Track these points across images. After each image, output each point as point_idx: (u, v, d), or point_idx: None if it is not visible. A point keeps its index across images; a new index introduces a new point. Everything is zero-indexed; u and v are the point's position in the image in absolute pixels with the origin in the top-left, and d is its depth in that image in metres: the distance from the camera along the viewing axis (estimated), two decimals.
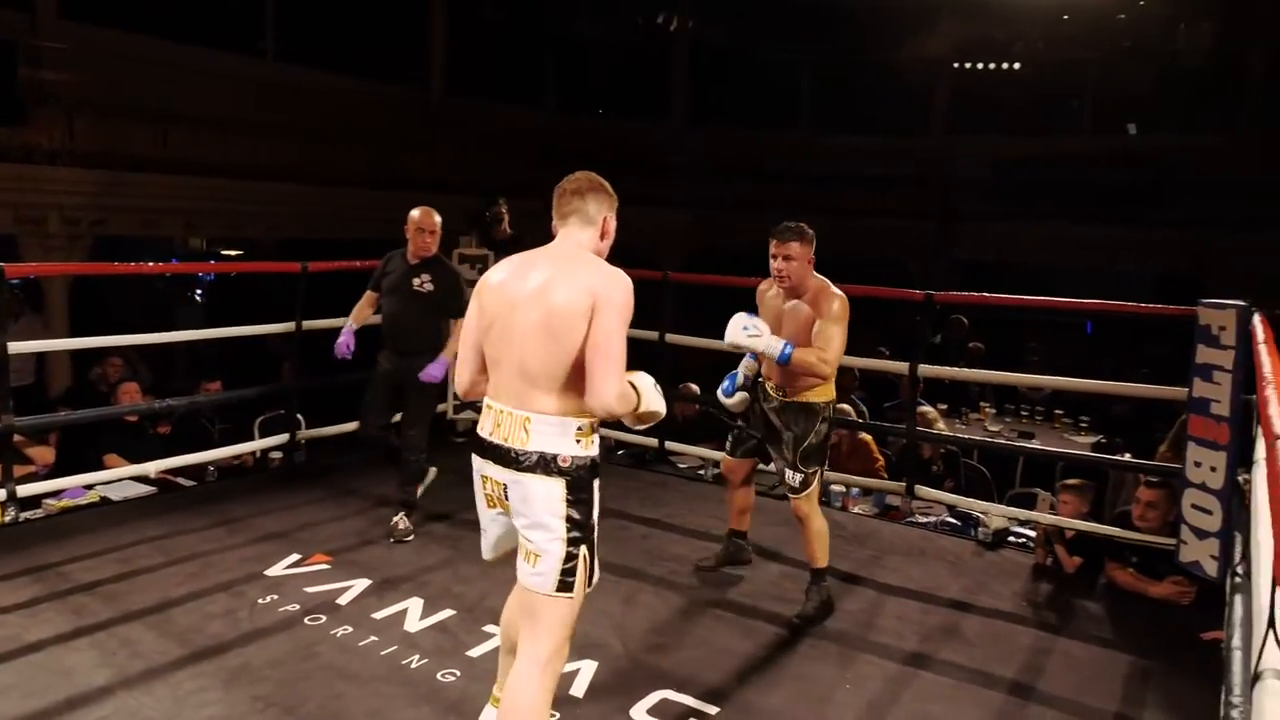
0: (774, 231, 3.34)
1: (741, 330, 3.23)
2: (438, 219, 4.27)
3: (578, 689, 2.88)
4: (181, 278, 12.75)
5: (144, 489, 4.70)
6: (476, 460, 2.22)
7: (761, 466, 3.82)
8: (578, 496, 2.11)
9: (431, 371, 4.20)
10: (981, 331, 9.11)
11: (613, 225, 2.28)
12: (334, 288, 5.06)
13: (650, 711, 2.77)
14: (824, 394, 3.41)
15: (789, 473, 3.44)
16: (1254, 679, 1.46)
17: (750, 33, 13.13)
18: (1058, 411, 7.14)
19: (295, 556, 3.86)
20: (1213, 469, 3.40)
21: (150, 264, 6.59)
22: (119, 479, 4.54)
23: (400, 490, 4.29)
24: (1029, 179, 11.84)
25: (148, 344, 5.29)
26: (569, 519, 2.11)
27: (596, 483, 2.17)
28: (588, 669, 3.00)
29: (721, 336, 3.33)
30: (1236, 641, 2.13)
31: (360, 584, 3.61)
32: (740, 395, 3.58)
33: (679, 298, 5.72)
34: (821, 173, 12.33)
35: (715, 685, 2.94)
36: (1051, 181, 11.66)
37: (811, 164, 12.52)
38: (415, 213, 4.27)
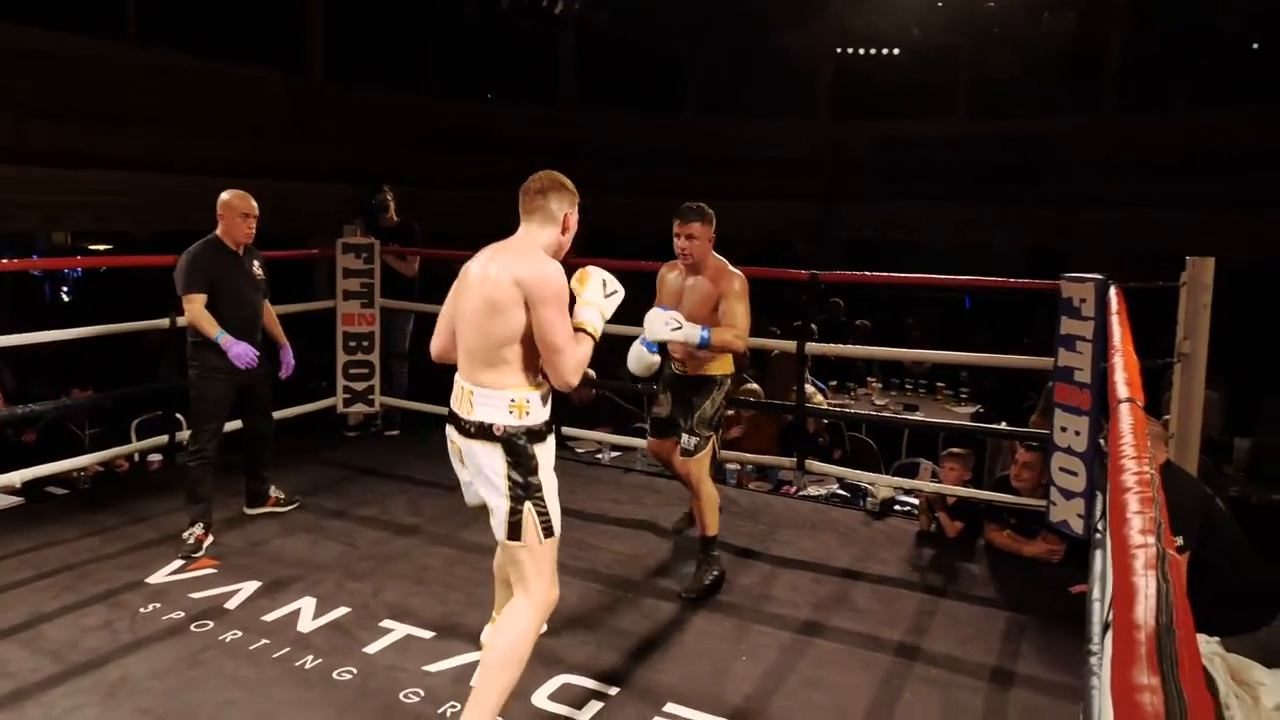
0: (677, 212, 3.53)
1: (664, 326, 3.34)
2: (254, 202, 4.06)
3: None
4: (46, 275, 12.01)
5: (9, 500, 4.43)
6: (447, 427, 2.51)
7: None
8: (516, 459, 2.38)
9: (292, 361, 4.31)
10: (866, 310, 9.42)
11: (574, 220, 2.53)
12: None
13: (551, 697, 2.78)
14: (722, 367, 3.63)
15: (685, 436, 3.61)
16: (1105, 627, 1.57)
17: (636, 17, 13.14)
18: (939, 384, 7.45)
19: (179, 562, 3.71)
20: (1077, 433, 3.62)
21: (4, 260, 6.16)
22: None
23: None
24: (909, 160, 12.28)
25: (6, 346, 4.95)
26: (509, 479, 2.39)
27: (539, 447, 2.42)
28: None
29: (621, 320, 3.34)
30: (1095, 593, 2.28)
31: (249, 586, 3.50)
32: (656, 357, 3.57)
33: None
34: (709, 155, 12.49)
35: (614, 666, 2.98)
36: (929, 162, 12.12)
37: (700, 147, 12.67)
38: (233, 197, 3.98)
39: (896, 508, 4.68)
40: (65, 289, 12.41)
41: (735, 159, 12.55)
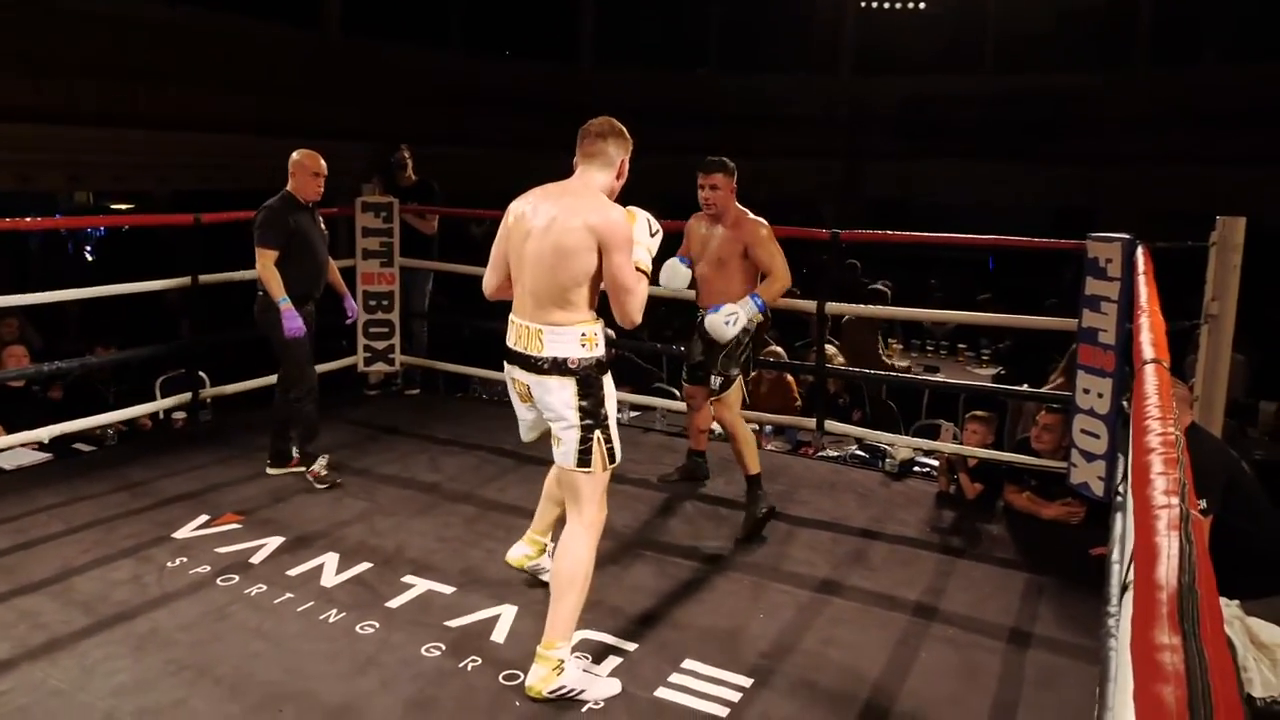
0: (699, 164, 3.70)
1: (725, 325, 3.57)
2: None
3: (498, 634, 2.91)
4: (70, 234, 12.09)
5: (39, 456, 4.51)
6: (506, 366, 2.67)
7: (674, 406, 3.87)
8: (587, 391, 2.55)
9: (356, 307, 4.66)
10: (888, 270, 9.32)
11: (627, 167, 2.65)
12: (232, 239, 4.88)
13: (571, 650, 2.81)
14: None
15: (712, 378, 3.73)
16: (1123, 588, 1.57)
17: None
18: (961, 345, 7.40)
19: (204, 518, 3.77)
20: (1100, 395, 3.58)
21: (28, 220, 6.19)
22: (9, 447, 4.33)
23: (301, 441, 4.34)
24: (933, 118, 12.07)
25: (33, 304, 5.00)
26: (581, 409, 2.55)
27: (606, 378, 2.60)
28: (508, 614, 3.03)
29: (658, 278, 3.52)
30: (1115, 555, 2.27)
31: (273, 542, 3.56)
32: (688, 270, 3.79)
33: None
34: (730, 113, 12.34)
35: (633, 621, 3.01)
36: (955, 120, 11.91)
37: (720, 104, 12.51)
38: (304, 156, 4.18)
39: (915, 469, 4.67)
40: (89, 248, 12.51)
41: (756, 116, 12.39)
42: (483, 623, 2.98)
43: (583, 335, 2.53)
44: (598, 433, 2.57)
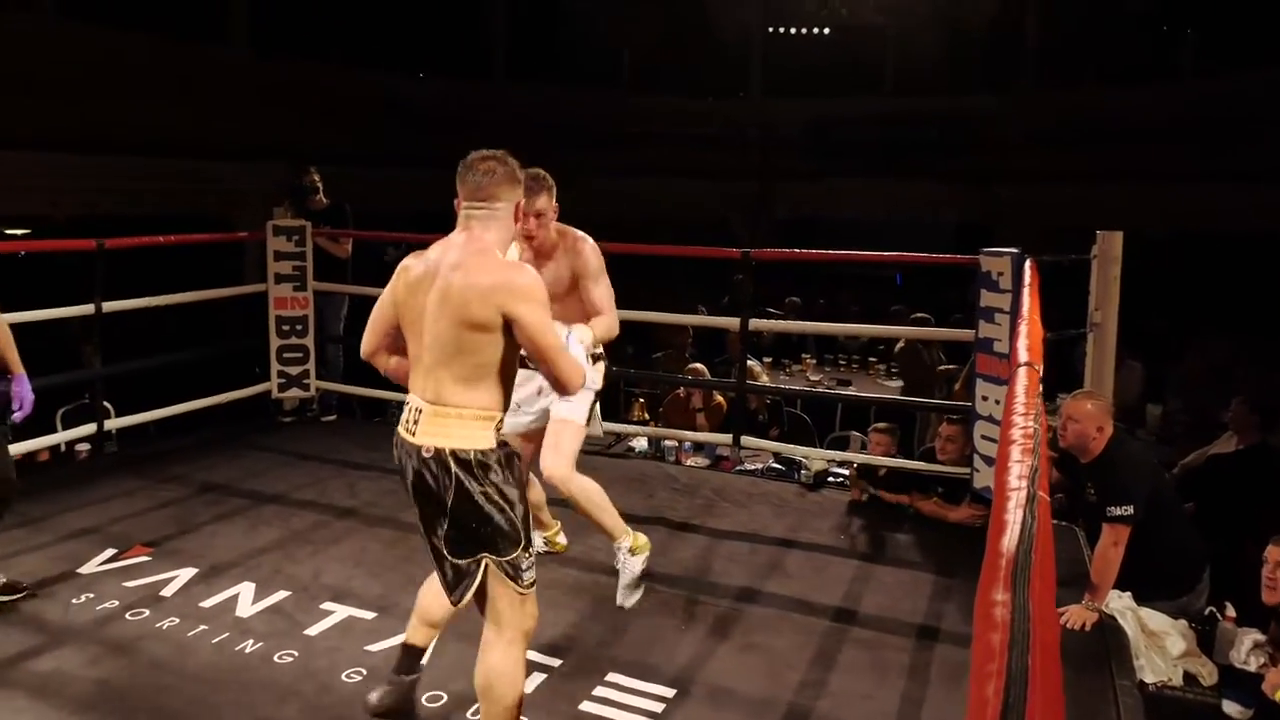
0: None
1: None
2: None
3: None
4: None
5: None
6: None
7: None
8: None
9: (29, 396, 3.29)
10: (800, 287, 9.58)
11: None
12: (138, 264, 4.76)
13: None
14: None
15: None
16: None
17: None
18: (872, 360, 7.64)
19: (111, 551, 3.64)
20: (997, 402, 3.76)
21: None
22: None
23: None
24: (840, 138, 12.49)
25: None
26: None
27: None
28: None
29: None
30: None
31: (185, 573, 3.47)
32: None
33: None
34: (643, 133, 12.52)
35: (556, 640, 3.03)
36: (860, 140, 12.35)
37: (633, 124, 12.69)
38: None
39: (830, 479, 4.81)
40: None
41: (669, 135, 12.61)
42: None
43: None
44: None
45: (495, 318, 2.10)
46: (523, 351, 2.19)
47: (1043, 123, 11.57)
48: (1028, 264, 3.55)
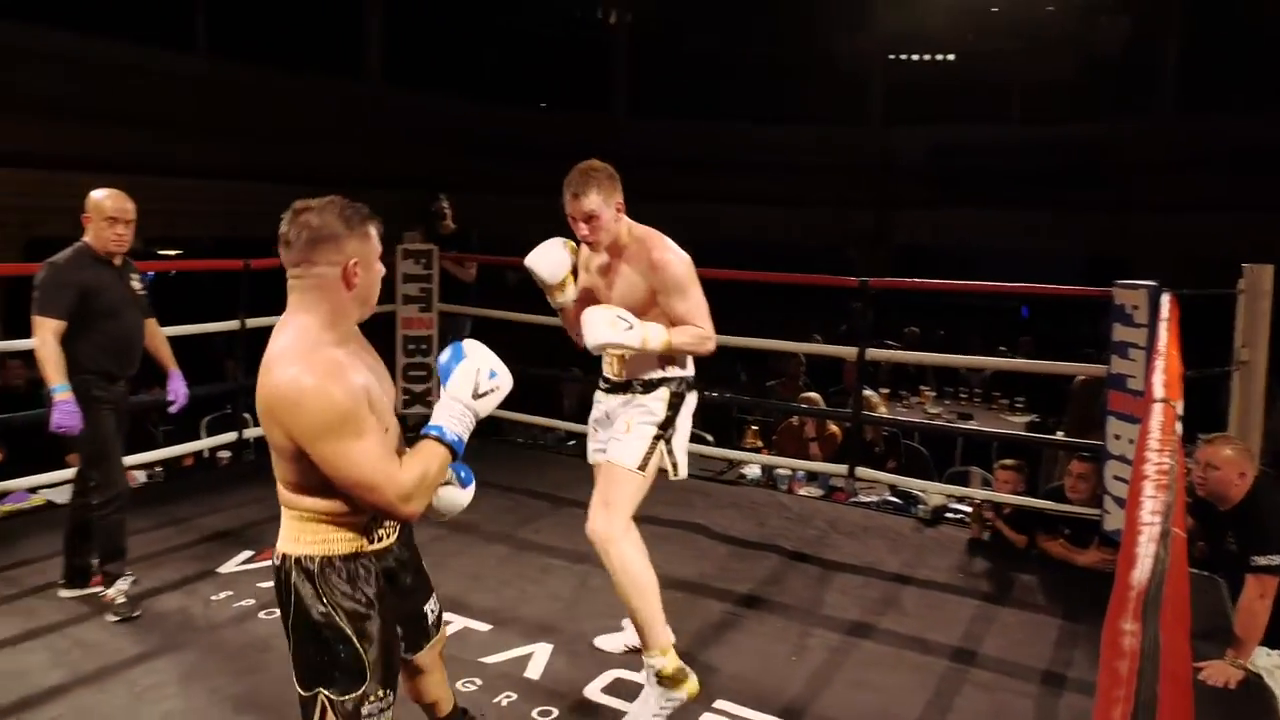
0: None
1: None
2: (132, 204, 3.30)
3: (533, 671, 2.97)
4: None
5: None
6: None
7: (706, 451, 3.90)
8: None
9: (185, 391, 3.62)
10: (920, 317, 9.37)
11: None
12: (278, 284, 5.04)
13: (604, 690, 2.86)
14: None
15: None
16: None
17: (686, 25, 13.28)
18: (995, 393, 7.39)
19: (248, 553, 3.86)
20: (1131, 441, 3.59)
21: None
22: (62, 482, 4.47)
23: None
24: (963, 166, 12.20)
25: None
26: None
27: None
28: (542, 652, 3.08)
29: None
30: None
31: None
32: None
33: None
34: (760, 162, 12.54)
35: None
36: (985, 168, 12.03)
37: (749, 154, 12.72)
38: (105, 196, 3.21)
39: (948, 515, 4.67)
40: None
41: (784, 164, 12.59)
42: (517, 660, 3.03)
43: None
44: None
45: (286, 444, 1.67)
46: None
47: (1181, 149, 11.01)
48: (1166, 297, 3.39)
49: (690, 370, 2.77)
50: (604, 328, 2.49)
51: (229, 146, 8.95)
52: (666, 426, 2.70)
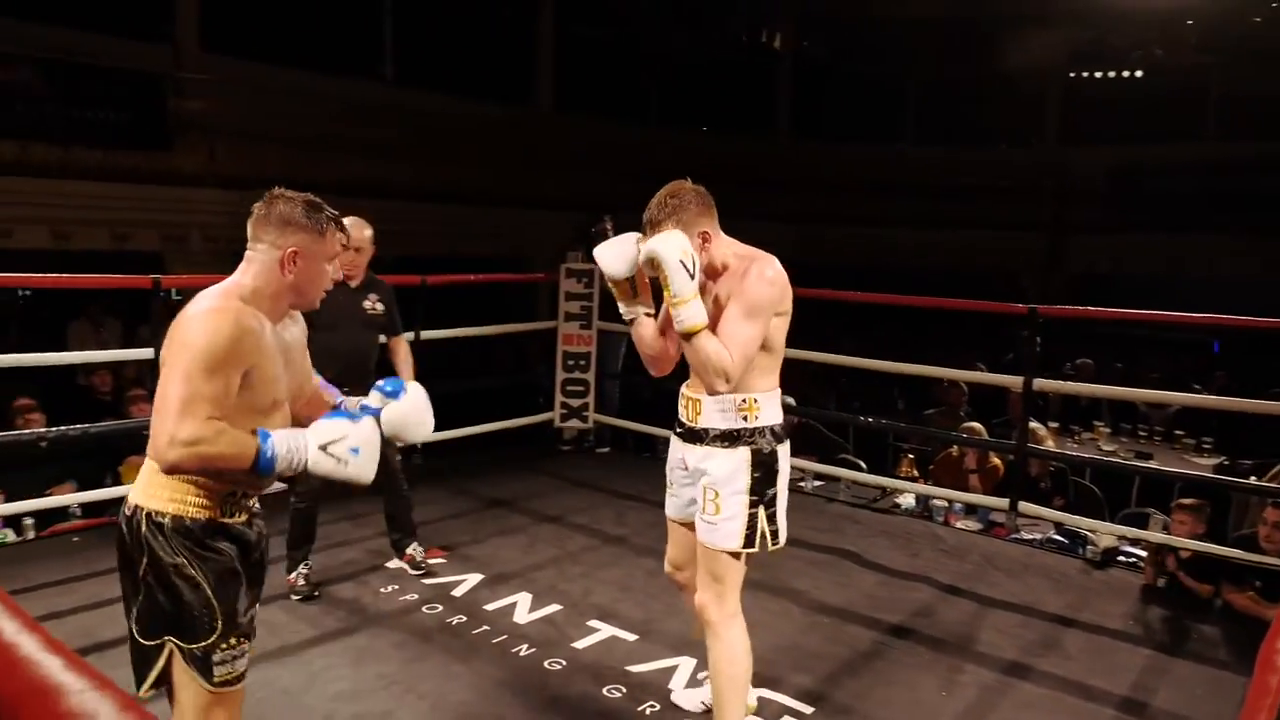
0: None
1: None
2: (368, 232, 3.71)
3: (676, 683, 3.01)
4: None
5: (277, 486, 5.04)
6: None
7: (859, 478, 3.84)
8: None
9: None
10: (1095, 349, 8.84)
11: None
12: (450, 299, 5.34)
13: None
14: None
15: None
16: None
17: (853, 47, 13.12)
18: (1179, 432, 6.88)
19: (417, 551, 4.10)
20: None
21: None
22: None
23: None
24: (1148, 188, 11.45)
25: None
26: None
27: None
28: (686, 665, 3.12)
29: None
30: None
31: (473, 578, 3.83)
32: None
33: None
34: (926, 185, 12.21)
35: (811, 688, 3.02)
36: (1173, 189, 11.24)
37: (915, 176, 12.41)
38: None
39: (1120, 559, 4.39)
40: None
41: (953, 187, 12.20)
42: (662, 671, 3.09)
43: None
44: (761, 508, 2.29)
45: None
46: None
47: None
48: None
49: (775, 417, 2.38)
50: (671, 245, 2.24)
51: (406, 168, 9.54)
52: (759, 491, 2.37)
